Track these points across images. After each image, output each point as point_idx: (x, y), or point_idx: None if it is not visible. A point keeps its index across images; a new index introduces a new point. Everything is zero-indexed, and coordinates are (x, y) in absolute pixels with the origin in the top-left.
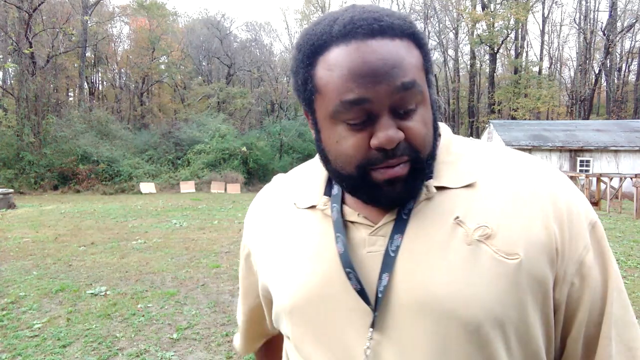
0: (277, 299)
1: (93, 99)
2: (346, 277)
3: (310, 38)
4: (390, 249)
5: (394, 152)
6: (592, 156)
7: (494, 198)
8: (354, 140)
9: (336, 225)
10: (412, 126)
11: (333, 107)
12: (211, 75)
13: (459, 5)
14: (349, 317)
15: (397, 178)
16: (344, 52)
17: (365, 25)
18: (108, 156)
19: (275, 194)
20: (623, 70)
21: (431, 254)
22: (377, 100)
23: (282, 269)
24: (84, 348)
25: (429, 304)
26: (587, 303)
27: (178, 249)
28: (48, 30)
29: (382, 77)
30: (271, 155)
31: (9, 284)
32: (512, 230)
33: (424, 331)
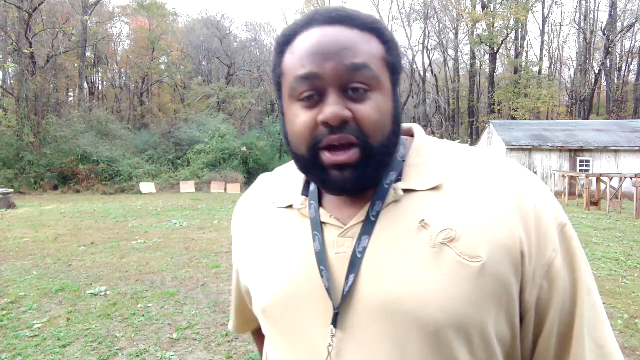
0: (254, 297)
1: (93, 99)
2: (319, 274)
3: (284, 32)
4: (357, 250)
5: (340, 129)
6: (592, 156)
7: (460, 201)
8: (305, 117)
9: (314, 224)
10: (362, 109)
11: (290, 85)
12: (211, 75)
13: (459, 5)
14: (316, 315)
15: (346, 164)
16: (304, 37)
17: (325, 14)
18: (108, 156)
19: (257, 194)
20: (623, 70)
21: (396, 256)
22: (325, 76)
23: (258, 268)
24: (84, 348)
25: (390, 305)
26: (558, 305)
27: (178, 249)
28: (48, 30)
29: (331, 54)
30: (271, 155)
31: (9, 284)
32: (476, 233)
33: (383, 332)
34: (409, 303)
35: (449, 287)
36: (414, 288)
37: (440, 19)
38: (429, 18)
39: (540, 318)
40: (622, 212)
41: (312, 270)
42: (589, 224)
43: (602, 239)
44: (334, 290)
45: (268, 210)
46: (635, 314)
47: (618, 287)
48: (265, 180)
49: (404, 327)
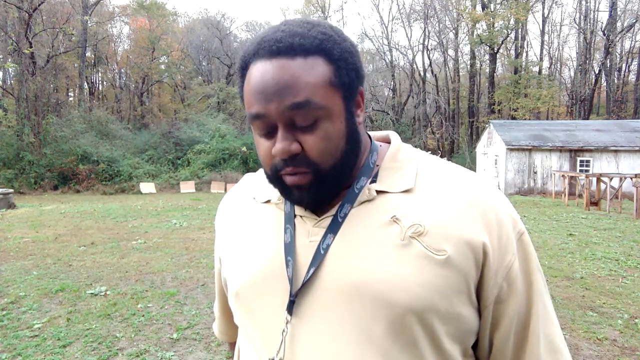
0: (229, 284)
1: (93, 99)
2: (285, 264)
3: (243, 54)
4: (321, 246)
5: (292, 162)
6: (592, 156)
7: (429, 202)
8: (263, 147)
9: (287, 217)
10: (310, 140)
11: (248, 117)
12: (211, 75)
13: (459, 5)
14: (277, 302)
15: (300, 185)
16: (254, 70)
17: (267, 46)
18: (108, 156)
19: (240, 191)
20: (623, 70)
21: (364, 247)
22: (271, 115)
23: (235, 256)
24: (84, 348)
25: (357, 289)
26: (515, 305)
27: (178, 249)
28: (48, 30)
29: (272, 95)
30: None
31: (9, 284)
32: (442, 230)
33: (347, 315)
34: (376, 285)
35: (415, 274)
36: (382, 273)
37: (440, 19)
38: (429, 18)
39: (497, 316)
40: (622, 212)
41: (280, 259)
42: (589, 224)
43: (602, 239)
44: (295, 280)
45: (249, 205)
46: (635, 314)
47: (618, 287)
48: (248, 178)
49: (371, 309)
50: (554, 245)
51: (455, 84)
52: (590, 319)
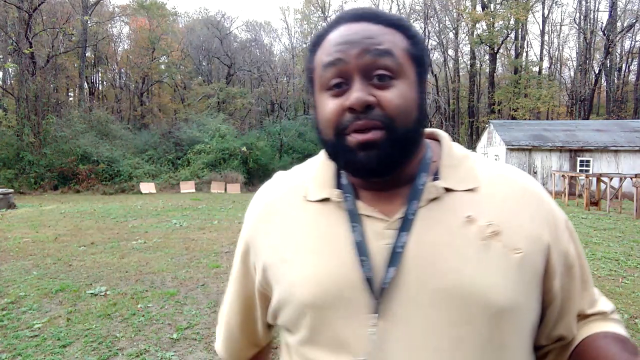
0: (288, 290)
1: (93, 99)
2: (359, 264)
3: (316, 34)
4: (397, 245)
5: (365, 114)
6: (592, 156)
7: (495, 201)
8: (332, 104)
9: (351, 215)
10: (387, 95)
11: (319, 75)
12: (211, 75)
13: (459, 5)
14: (358, 305)
15: (370, 143)
16: (335, 32)
17: (351, 12)
18: (108, 156)
19: (279, 189)
20: (623, 70)
21: (445, 247)
22: (350, 61)
23: (295, 264)
24: (84, 348)
25: (449, 289)
26: (576, 287)
27: (178, 249)
28: (48, 30)
29: (355, 42)
30: (271, 155)
31: (9, 284)
32: (514, 228)
33: (441, 315)
34: (468, 286)
35: (500, 274)
36: (470, 274)
37: (440, 19)
38: (429, 18)
39: (564, 301)
40: (622, 212)
41: (351, 260)
42: (589, 224)
43: (602, 239)
44: (374, 280)
45: (299, 206)
46: (635, 314)
47: (618, 287)
48: (284, 176)
49: (463, 310)
50: None
51: (455, 84)
52: None
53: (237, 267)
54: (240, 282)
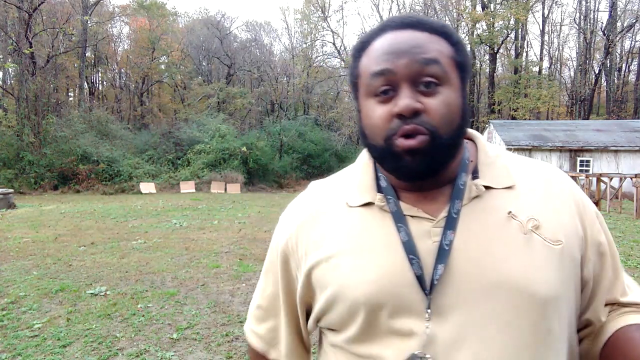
0: (339, 291)
1: (93, 99)
2: (408, 263)
3: (361, 38)
4: (444, 242)
5: (412, 119)
6: (592, 156)
7: (532, 197)
8: (380, 111)
9: (396, 216)
10: (432, 102)
11: (366, 83)
12: (211, 75)
13: (459, 5)
14: (410, 303)
15: (416, 149)
16: (381, 39)
17: (397, 19)
18: (108, 156)
19: (320, 197)
20: (623, 70)
21: (490, 243)
22: (398, 71)
23: (343, 263)
24: (84, 348)
25: (498, 283)
26: (607, 273)
27: (178, 249)
28: (48, 30)
29: (403, 52)
30: (271, 155)
31: (9, 284)
32: (552, 222)
33: (492, 308)
34: (515, 279)
35: (544, 265)
36: (516, 267)
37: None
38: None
39: (595, 286)
40: (622, 212)
41: (401, 259)
42: None
43: None
44: (425, 278)
45: (342, 212)
46: None
47: None
48: (321, 185)
49: (513, 302)
50: None
51: None
52: None
53: (280, 277)
54: (286, 291)
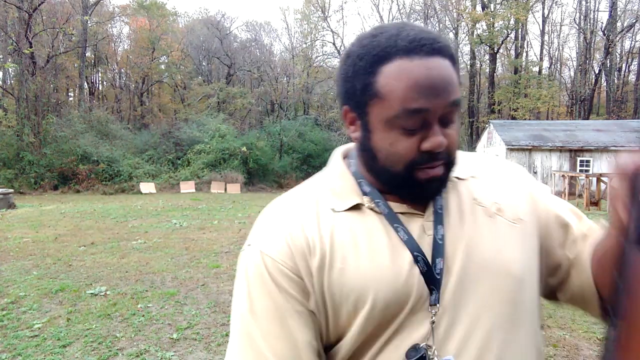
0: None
1: (93, 99)
2: (414, 260)
3: (373, 48)
4: (437, 237)
5: (439, 155)
6: (592, 156)
7: (492, 184)
8: (407, 143)
9: (390, 217)
10: (451, 135)
11: (394, 113)
12: (211, 75)
13: (459, 5)
14: (420, 297)
15: (436, 177)
16: (410, 65)
17: (428, 44)
18: (108, 156)
19: (302, 211)
20: (623, 70)
21: (469, 230)
22: (435, 111)
23: (347, 270)
24: (84, 348)
25: (485, 267)
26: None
27: (178, 249)
28: (48, 30)
29: (441, 91)
30: (271, 155)
31: (9, 284)
32: (512, 204)
33: (484, 291)
34: (497, 261)
35: (514, 245)
36: (493, 250)
37: (440, 19)
38: (429, 18)
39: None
40: None
41: (407, 258)
42: None
43: None
44: (428, 273)
45: (331, 218)
46: None
47: None
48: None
49: (498, 282)
50: None
51: None
52: (591, 319)
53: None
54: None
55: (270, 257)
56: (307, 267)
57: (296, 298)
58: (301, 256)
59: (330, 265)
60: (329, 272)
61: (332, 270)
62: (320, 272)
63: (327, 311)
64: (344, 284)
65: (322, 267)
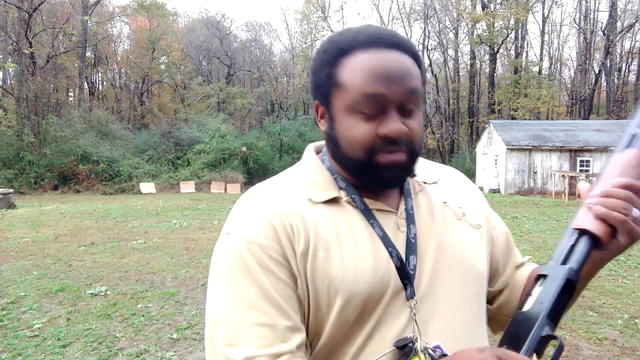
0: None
1: (93, 99)
2: (389, 256)
3: (337, 43)
4: (410, 236)
5: (397, 141)
6: (592, 156)
7: (453, 189)
8: (365, 128)
9: (366, 213)
10: (413, 124)
11: (353, 99)
12: (211, 75)
13: (459, 5)
14: (395, 291)
15: (398, 163)
16: (368, 56)
17: (386, 37)
18: (108, 156)
19: (280, 199)
20: (623, 70)
21: (441, 229)
22: (391, 96)
23: (331, 259)
24: (84, 348)
25: (455, 264)
26: (510, 244)
27: (178, 249)
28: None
29: (397, 79)
30: (271, 155)
31: (9, 284)
32: (472, 210)
33: (456, 285)
34: (465, 258)
35: (478, 246)
36: (462, 248)
37: (440, 19)
38: (429, 18)
39: (506, 258)
40: None
41: (383, 253)
42: None
43: None
44: (402, 268)
45: (307, 208)
46: (635, 314)
47: (618, 287)
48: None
49: (466, 278)
50: (554, 246)
51: (455, 84)
52: (590, 319)
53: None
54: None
55: (255, 243)
56: (292, 250)
57: (285, 282)
58: (287, 238)
59: (314, 253)
60: (313, 260)
61: (316, 258)
62: (304, 257)
63: (309, 298)
64: (328, 273)
65: (306, 253)
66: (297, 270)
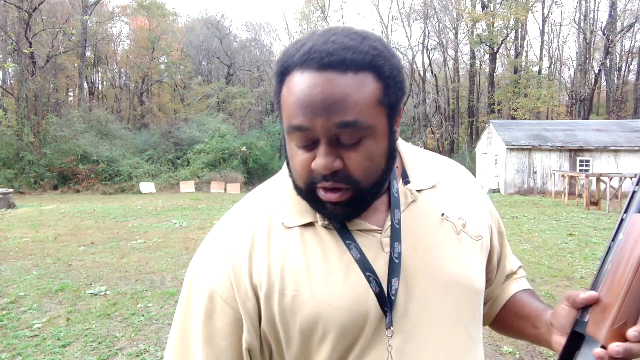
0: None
1: (93, 99)
2: (367, 281)
3: (283, 58)
4: (394, 256)
5: (332, 177)
6: (592, 156)
7: (455, 195)
8: (301, 159)
9: (343, 234)
10: (353, 158)
11: (286, 127)
12: (211, 75)
13: (459, 5)
14: (375, 320)
15: (338, 203)
16: (300, 80)
17: (318, 58)
18: (108, 156)
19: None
20: (623, 70)
21: (434, 246)
22: (316, 130)
23: (302, 291)
24: (84, 348)
25: (447, 285)
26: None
27: (178, 249)
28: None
29: (320, 111)
30: (271, 155)
31: (9, 284)
32: (474, 218)
33: (446, 310)
34: (459, 279)
35: (474, 261)
36: (457, 268)
37: (440, 19)
38: (429, 18)
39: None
40: None
41: (356, 280)
42: (589, 224)
43: (602, 239)
44: (382, 294)
45: (280, 234)
46: None
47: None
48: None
49: (459, 300)
50: (554, 245)
51: (455, 84)
52: None
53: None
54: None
55: (214, 293)
56: (254, 297)
57: (228, 332)
58: (249, 284)
59: (281, 292)
60: (280, 300)
61: (284, 297)
62: (269, 300)
63: (280, 339)
64: (297, 311)
65: (271, 294)
66: (259, 314)
